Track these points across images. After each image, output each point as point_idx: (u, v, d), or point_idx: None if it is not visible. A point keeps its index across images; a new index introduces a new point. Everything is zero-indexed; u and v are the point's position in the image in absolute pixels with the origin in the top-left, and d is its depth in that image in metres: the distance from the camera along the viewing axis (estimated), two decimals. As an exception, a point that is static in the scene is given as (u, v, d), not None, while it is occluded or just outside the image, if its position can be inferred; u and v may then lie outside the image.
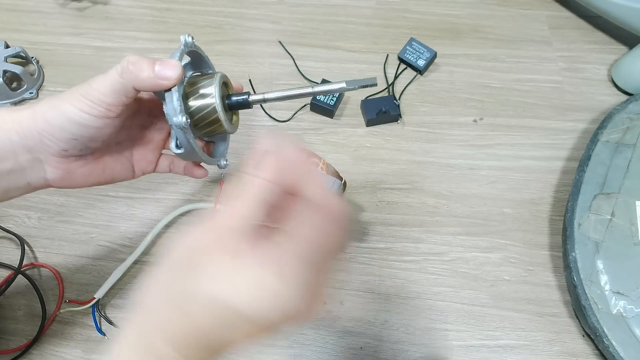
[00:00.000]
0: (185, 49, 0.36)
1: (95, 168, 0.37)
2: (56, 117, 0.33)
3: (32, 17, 0.68)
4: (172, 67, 0.33)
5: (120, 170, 0.39)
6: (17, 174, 0.34)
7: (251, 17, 0.68)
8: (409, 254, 0.50)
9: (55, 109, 0.33)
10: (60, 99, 0.33)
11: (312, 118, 0.59)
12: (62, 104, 0.33)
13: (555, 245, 0.50)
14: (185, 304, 0.25)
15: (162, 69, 0.32)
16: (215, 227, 0.26)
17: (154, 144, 0.41)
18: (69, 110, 0.32)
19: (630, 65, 0.58)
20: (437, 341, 0.46)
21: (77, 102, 0.32)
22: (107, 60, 0.64)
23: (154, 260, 0.49)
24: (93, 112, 0.33)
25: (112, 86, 0.32)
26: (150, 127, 0.41)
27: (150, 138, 0.41)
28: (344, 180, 0.47)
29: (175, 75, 0.32)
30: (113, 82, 0.32)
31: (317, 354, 0.45)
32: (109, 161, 0.38)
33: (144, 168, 0.41)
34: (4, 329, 0.46)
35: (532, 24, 0.66)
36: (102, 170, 0.38)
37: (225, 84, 0.37)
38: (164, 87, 0.33)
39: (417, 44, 0.62)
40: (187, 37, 0.35)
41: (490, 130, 0.57)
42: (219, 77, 0.36)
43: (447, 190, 0.53)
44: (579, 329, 0.46)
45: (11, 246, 0.51)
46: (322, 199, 0.26)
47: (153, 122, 0.41)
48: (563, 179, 0.54)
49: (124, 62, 0.32)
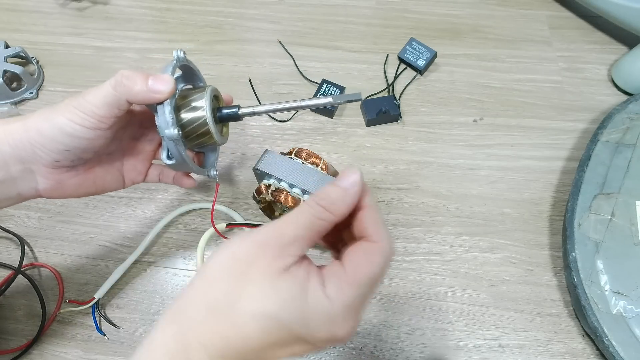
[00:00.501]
0: (178, 63, 0.36)
1: (86, 179, 0.38)
2: (48, 128, 0.33)
3: (32, 17, 0.68)
4: (164, 81, 0.33)
5: (111, 180, 0.40)
6: (8, 184, 0.35)
7: (251, 17, 0.68)
8: (409, 254, 0.50)
9: (48, 121, 0.33)
10: (53, 110, 0.34)
11: (312, 118, 0.59)
12: (54, 116, 0.33)
13: (555, 245, 0.50)
14: (236, 317, 0.24)
15: (155, 83, 0.33)
16: (264, 241, 0.26)
17: (144, 155, 0.42)
18: (61, 121, 0.33)
19: (630, 65, 0.58)
20: (437, 341, 0.46)
21: (69, 114, 0.33)
22: (107, 60, 0.64)
23: (156, 260, 0.49)
24: (85, 123, 0.33)
25: (104, 99, 0.33)
26: (141, 138, 0.42)
27: (140, 149, 0.42)
28: (344, 180, 0.46)
29: (167, 89, 0.33)
30: (106, 94, 0.33)
31: (317, 354, 0.45)
32: (99, 172, 0.39)
33: (134, 178, 0.42)
34: (4, 329, 0.46)
35: (532, 24, 0.66)
36: (93, 181, 0.39)
37: (216, 97, 0.39)
38: (156, 100, 0.34)
39: (417, 44, 0.62)
40: (180, 52, 0.36)
41: (490, 130, 0.57)
42: (210, 91, 0.37)
43: (447, 190, 0.53)
44: (579, 329, 0.46)
45: (11, 246, 0.51)
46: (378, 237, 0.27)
47: (144, 133, 0.41)
48: (563, 179, 0.54)
49: (118, 76, 0.33)
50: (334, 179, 0.43)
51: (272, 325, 0.24)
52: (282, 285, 0.24)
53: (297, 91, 0.61)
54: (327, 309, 0.24)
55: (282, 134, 0.57)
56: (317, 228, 0.26)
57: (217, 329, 0.24)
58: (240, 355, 0.25)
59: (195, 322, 0.25)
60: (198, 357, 0.24)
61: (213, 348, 0.24)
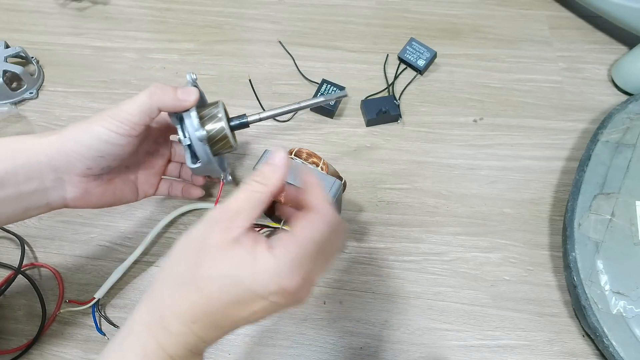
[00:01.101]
0: (190, 83, 0.42)
1: (108, 189, 0.43)
2: (86, 137, 0.38)
3: (32, 17, 0.68)
4: (189, 92, 0.39)
5: (128, 192, 0.45)
6: (40, 193, 0.38)
7: (251, 17, 0.68)
8: (409, 254, 0.50)
9: (85, 131, 0.38)
10: (88, 122, 0.38)
11: (312, 118, 0.59)
12: (91, 126, 0.38)
13: (555, 245, 0.50)
14: (198, 283, 0.29)
15: (183, 93, 0.39)
16: (213, 218, 0.30)
17: (156, 169, 0.47)
18: (98, 130, 0.38)
19: (630, 65, 0.58)
20: (437, 341, 0.46)
21: (105, 122, 0.38)
22: (107, 60, 0.64)
23: (155, 260, 0.49)
24: (119, 130, 0.38)
25: (139, 107, 0.38)
26: (155, 153, 0.47)
27: (154, 163, 0.47)
28: (344, 180, 0.47)
29: (192, 99, 0.39)
30: (141, 103, 0.38)
31: (317, 354, 0.45)
32: (119, 183, 0.44)
33: (146, 190, 0.47)
34: (4, 329, 0.46)
35: (532, 24, 0.66)
36: (113, 192, 0.43)
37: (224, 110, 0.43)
38: (184, 107, 0.39)
39: (417, 44, 0.62)
40: (193, 75, 0.42)
41: (490, 130, 0.57)
42: (222, 103, 0.42)
43: (447, 190, 0.53)
44: (579, 329, 0.46)
45: (11, 246, 0.51)
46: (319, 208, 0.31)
47: (157, 149, 0.47)
48: (563, 179, 0.54)
49: (152, 87, 0.39)
50: (334, 178, 0.43)
51: (228, 284, 0.28)
52: (233, 252, 0.29)
53: (297, 91, 0.61)
54: (273, 264, 0.28)
55: (282, 134, 0.57)
56: (255, 200, 0.31)
57: (185, 297, 0.29)
58: (207, 316, 0.29)
59: (166, 296, 0.29)
60: (171, 324, 0.29)
61: (184, 314, 0.29)
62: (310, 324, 0.46)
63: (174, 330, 0.29)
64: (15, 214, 0.38)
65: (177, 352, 0.29)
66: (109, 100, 0.60)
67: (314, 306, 0.47)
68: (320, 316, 0.47)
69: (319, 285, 0.48)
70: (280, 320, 0.47)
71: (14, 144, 0.38)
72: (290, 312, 0.47)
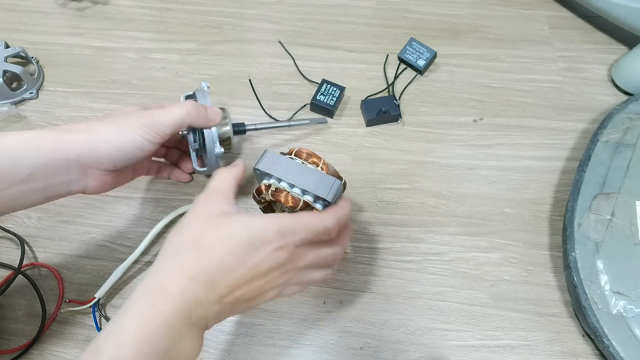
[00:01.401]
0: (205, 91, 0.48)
1: (118, 177, 0.45)
2: (119, 141, 0.40)
3: (32, 17, 0.68)
4: (216, 114, 0.46)
5: (129, 176, 0.48)
6: (64, 185, 0.40)
7: (251, 17, 0.68)
8: (409, 254, 0.50)
9: (119, 135, 0.40)
10: (120, 125, 0.41)
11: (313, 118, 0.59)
12: (127, 132, 0.40)
13: (555, 245, 0.50)
14: (198, 242, 0.33)
15: (211, 114, 0.45)
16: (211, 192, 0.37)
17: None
18: (134, 138, 0.40)
19: (630, 65, 0.58)
20: (437, 341, 0.46)
21: (141, 131, 0.41)
22: (107, 60, 0.64)
23: (155, 260, 0.49)
24: (153, 139, 0.41)
25: (174, 121, 0.42)
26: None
27: None
28: (344, 180, 0.47)
29: (217, 119, 0.46)
30: (176, 118, 0.42)
31: (317, 354, 0.45)
32: (124, 171, 0.46)
33: (140, 172, 0.50)
34: (4, 329, 0.46)
35: (532, 24, 0.66)
36: (120, 178, 0.46)
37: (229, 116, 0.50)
38: (210, 126, 0.46)
39: (417, 44, 0.62)
40: (207, 84, 0.49)
41: (490, 130, 0.57)
42: (227, 111, 0.49)
43: (447, 190, 0.53)
44: (579, 329, 0.46)
45: (11, 246, 0.51)
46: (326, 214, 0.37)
47: None
48: (563, 179, 0.54)
49: (189, 107, 0.43)
50: (334, 179, 0.43)
51: (226, 238, 0.33)
52: (229, 217, 0.34)
53: (297, 91, 0.61)
54: (265, 223, 0.34)
55: (282, 134, 0.57)
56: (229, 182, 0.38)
57: (185, 257, 0.33)
58: (205, 273, 0.32)
59: (165, 265, 0.33)
60: (170, 286, 0.31)
61: (184, 274, 0.32)
62: (310, 324, 0.46)
63: (173, 291, 0.31)
64: (37, 201, 0.40)
65: (175, 317, 0.30)
66: (108, 100, 0.60)
67: (314, 306, 0.47)
68: (320, 316, 0.47)
69: (319, 285, 0.48)
70: (280, 320, 0.47)
71: (43, 140, 0.38)
72: (290, 312, 0.47)
